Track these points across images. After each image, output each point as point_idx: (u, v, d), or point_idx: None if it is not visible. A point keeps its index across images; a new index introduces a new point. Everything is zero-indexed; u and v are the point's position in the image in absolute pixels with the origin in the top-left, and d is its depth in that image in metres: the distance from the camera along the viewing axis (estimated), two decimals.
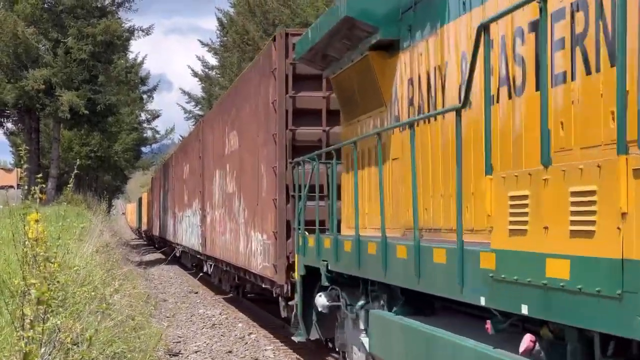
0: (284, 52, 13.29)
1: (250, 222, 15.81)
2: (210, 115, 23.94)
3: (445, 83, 8.01)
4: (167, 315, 18.89)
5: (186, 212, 28.96)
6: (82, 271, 11.76)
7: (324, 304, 10.85)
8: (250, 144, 15.92)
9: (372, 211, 10.46)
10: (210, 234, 22.26)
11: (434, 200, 8.29)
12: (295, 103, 13.31)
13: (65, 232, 11.36)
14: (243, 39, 43.74)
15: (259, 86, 14.94)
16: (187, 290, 26.64)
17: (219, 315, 19.94)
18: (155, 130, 70.36)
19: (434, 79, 8.29)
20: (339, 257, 9.62)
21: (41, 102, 41.43)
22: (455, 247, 6.22)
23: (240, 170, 17.19)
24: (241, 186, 17.00)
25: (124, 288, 14.70)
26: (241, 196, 16.98)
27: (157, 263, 34.88)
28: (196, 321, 19.12)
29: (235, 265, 18.09)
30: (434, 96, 8.29)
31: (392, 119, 9.64)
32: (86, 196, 44.81)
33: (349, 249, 9.16)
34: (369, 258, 8.49)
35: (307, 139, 13.26)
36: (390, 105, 9.73)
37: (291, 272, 13.09)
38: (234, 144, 17.94)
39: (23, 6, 40.58)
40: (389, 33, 9.27)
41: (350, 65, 10.56)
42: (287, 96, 13.27)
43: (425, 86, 8.54)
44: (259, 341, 16.00)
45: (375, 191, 10.40)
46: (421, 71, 8.64)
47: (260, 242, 14.67)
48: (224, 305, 22.53)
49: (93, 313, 9.69)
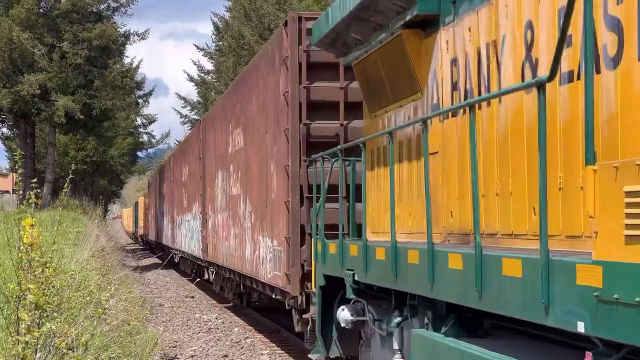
0: (296, 38, 12.00)
1: (257, 227, 14.52)
2: (212, 113, 22.60)
3: (501, 60, 6.75)
4: (163, 320, 18.84)
5: (185, 216, 27.69)
6: (78, 276, 11.81)
7: (347, 319, 9.57)
8: (257, 141, 14.64)
9: (403, 213, 9.19)
10: (212, 239, 20.97)
11: (486, 200, 7.04)
12: (310, 95, 12.01)
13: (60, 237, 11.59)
14: (239, 43, 43.80)
15: (268, 78, 13.67)
16: (184, 295, 26.37)
17: (215, 320, 19.81)
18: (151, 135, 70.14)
19: (487, 57, 7.03)
20: (369, 267, 8.34)
21: (37, 106, 41.60)
22: (534, 257, 4.95)
23: (245, 170, 15.90)
24: (247, 188, 15.71)
25: (119, 293, 14.73)
26: (247, 198, 15.69)
27: (153, 268, 35.40)
28: (192, 326, 19.01)
29: (240, 273, 16.80)
30: (487, 77, 7.02)
31: (430, 107, 8.37)
32: (82, 201, 44.54)
33: (383, 256, 7.89)
34: (409, 268, 7.22)
35: (322, 135, 11.98)
36: (427, 92, 8.47)
37: (306, 282, 11.82)
38: (239, 143, 16.66)
39: (18, 11, 40.75)
40: (427, 8, 8.02)
41: (377, 48, 9.30)
42: (301, 87, 11.97)
43: (474, 66, 7.28)
44: (255, 346, 15.87)
45: (406, 191, 9.13)
46: (469, 49, 7.38)
47: (269, 249, 13.39)
48: (220, 309, 22.29)
49: (88, 318, 9.58)
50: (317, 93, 12.01)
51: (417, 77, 8.56)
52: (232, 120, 17.77)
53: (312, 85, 12.00)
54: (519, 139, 6.39)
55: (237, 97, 17.14)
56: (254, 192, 14.98)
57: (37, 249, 7.63)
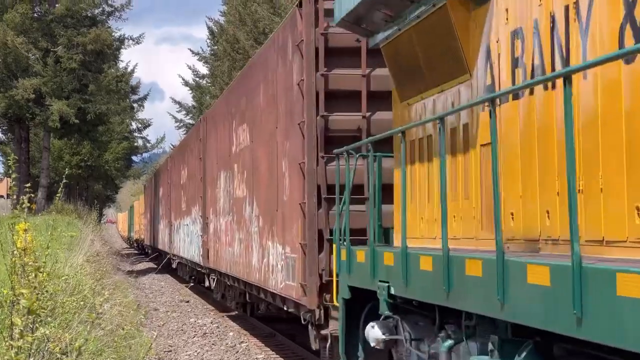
0: (312, 20, 10.65)
1: (266, 232, 13.21)
2: (214, 111, 21.19)
3: (587, 23, 5.45)
4: (158, 325, 18.62)
5: (184, 220, 26.36)
6: (72, 280, 11.79)
7: (378, 338, 8.29)
8: (265, 137, 13.32)
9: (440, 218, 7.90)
10: (213, 245, 19.63)
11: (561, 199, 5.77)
12: (328, 83, 10.68)
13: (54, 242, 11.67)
14: (234, 48, 43.65)
15: (278, 67, 12.36)
16: (178, 300, 26.02)
17: (210, 324, 19.65)
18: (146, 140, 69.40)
19: (564, 22, 5.73)
20: (410, 279, 7.04)
21: (31, 111, 41.55)
22: None
23: (252, 170, 14.59)
24: (254, 189, 14.39)
25: (114, 297, 14.75)
26: (254, 201, 14.38)
27: (148, 272, 35.41)
28: (187, 330, 18.85)
29: (246, 282, 15.47)
30: (565, 47, 5.72)
31: (482, 89, 7.08)
32: (77, 206, 44.44)
33: (430, 267, 6.59)
34: (467, 282, 5.93)
35: (342, 128, 10.66)
36: (477, 72, 7.18)
37: (324, 294, 10.51)
38: (244, 140, 15.34)
39: (12, 15, 40.65)
40: None
41: (413, 24, 8.02)
42: (319, 74, 10.63)
43: (546, 36, 5.98)
44: (250, 350, 15.76)
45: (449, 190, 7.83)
46: (538, 15, 6.09)
47: (281, 256, 12.07)
48: (215, 314, 22.07)
49: (82, 322, 9.55)
50: (337, 81, 10.68)
51: (466, 55, 7.27)
52: (236, 117, 16.45)
53: (330, 73, 10.67)
54: (613, 123, 5.11)
55: (242, 90, 15.81)
56: (261, 193, 13.67)
57: (30, 253, 7.58)
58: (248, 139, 14.94)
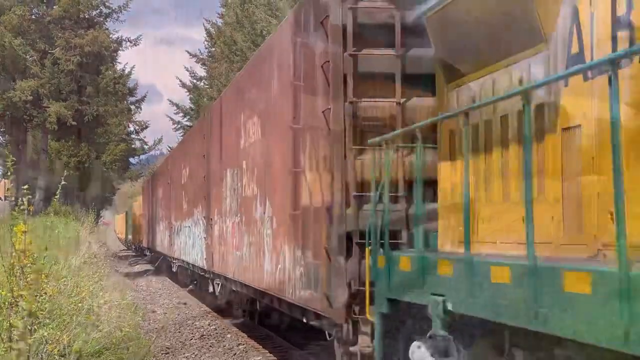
0: None
1: (282, 234, 11.89)
2: (218, 103, 19.76)
3: None
4: (156, 327, 18.55)
5: (185, 222, 25.02)
6: (70, 282, 11.82)
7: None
8: (281, 130, 11.99)
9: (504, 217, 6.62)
10: (218, 248, 18.29)
11: None
12: (358, 65, 9.35)
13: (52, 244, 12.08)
14: (231, 50, 43.88)
15: (295, 49, 11.05)
16: (176, 302, 25.86)
17: (208, 326, 19.57)
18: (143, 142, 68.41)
19: None
20: (476, 293, 5.74)
21: (29, 113, 41.84)
22: None
23: (264, 166, 13.27)
24: (266, 187, 13.07)
25: (112, 299, 14.64)
26: (266, 200, 13.05)
27: (145, 274, 35.76)
28: (185, 332, 18.74)
29: (257, 289, 14.13)
30: None
31: (566, 60, 5.77)
32: (74, 207, 43.75)
33: (507, 279, 5.29)
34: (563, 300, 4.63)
35: (374, 116, 9.32)
36: (558, 40, 5.87)
37: (353, 306, 9.18)
38: (255, 134, 14.01)
39: (10, 17, 40.82)
40: None
41: None
42: (346, 55, 9.28)
43: None
44: (247, 352, 15.67)
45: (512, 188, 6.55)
46: None
47: (299, 262, 10.75)
48: (213, 316, 21.88)
49: (81, 324, 9.61)
50: (367, 63, 9.31)
51: (541, 21, 5.96)
52: (245, 109, 15.13)
53: (360, 53, 9.33)
54: None
55: (254, 78, 14.48)
56: (276, 192, 12.35)
57: (29, 255, 7.59)
58: (259, 133, 13.62)
